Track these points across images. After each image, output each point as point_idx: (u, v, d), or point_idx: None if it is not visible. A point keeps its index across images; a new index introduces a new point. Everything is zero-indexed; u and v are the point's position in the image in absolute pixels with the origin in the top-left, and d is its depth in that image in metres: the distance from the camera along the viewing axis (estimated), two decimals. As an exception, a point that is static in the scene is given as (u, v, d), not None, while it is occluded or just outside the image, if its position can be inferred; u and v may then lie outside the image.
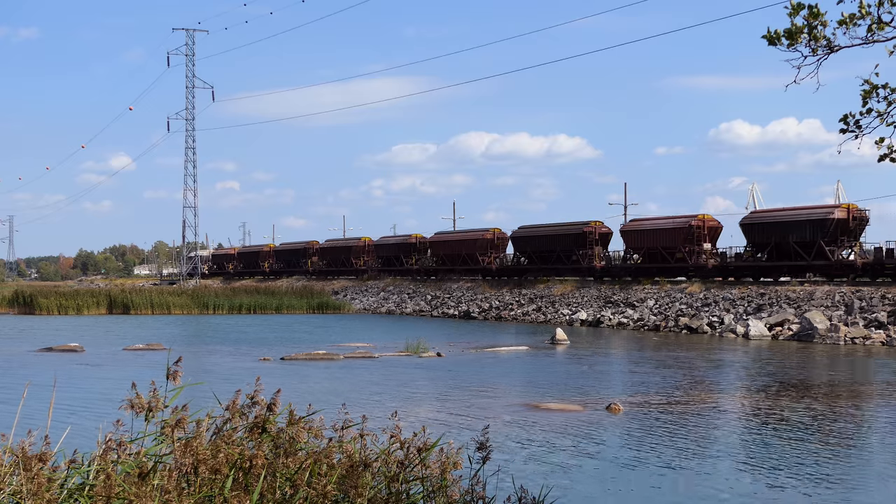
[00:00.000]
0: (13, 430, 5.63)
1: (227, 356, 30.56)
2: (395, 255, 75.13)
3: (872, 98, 6.57)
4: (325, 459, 5.69)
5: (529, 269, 60.38)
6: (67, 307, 60.12)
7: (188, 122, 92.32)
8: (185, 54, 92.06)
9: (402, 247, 74.29)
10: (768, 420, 17.34)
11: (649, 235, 52.20)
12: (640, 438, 15.37)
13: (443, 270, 68.50)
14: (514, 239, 62.64)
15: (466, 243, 66.19)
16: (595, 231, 55.79)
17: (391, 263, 75.40)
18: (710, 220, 50.52)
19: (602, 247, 56.14)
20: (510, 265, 63.12)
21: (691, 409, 18.94)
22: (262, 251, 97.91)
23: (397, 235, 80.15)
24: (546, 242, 58.89)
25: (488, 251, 64.32)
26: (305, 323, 50.65)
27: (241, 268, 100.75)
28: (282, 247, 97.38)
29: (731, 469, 13.12)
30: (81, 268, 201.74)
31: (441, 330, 44.64)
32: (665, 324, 43.11)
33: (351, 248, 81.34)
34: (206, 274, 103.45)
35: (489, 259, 64.10)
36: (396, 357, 29.92)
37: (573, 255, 56.77)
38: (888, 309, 35.68)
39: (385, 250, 77.32)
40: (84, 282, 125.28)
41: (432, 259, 70.52)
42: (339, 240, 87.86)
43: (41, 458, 5.02)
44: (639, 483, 12.29)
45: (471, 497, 5.84)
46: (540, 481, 11.24)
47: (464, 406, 19.09)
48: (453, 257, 67.47)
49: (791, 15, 6.35)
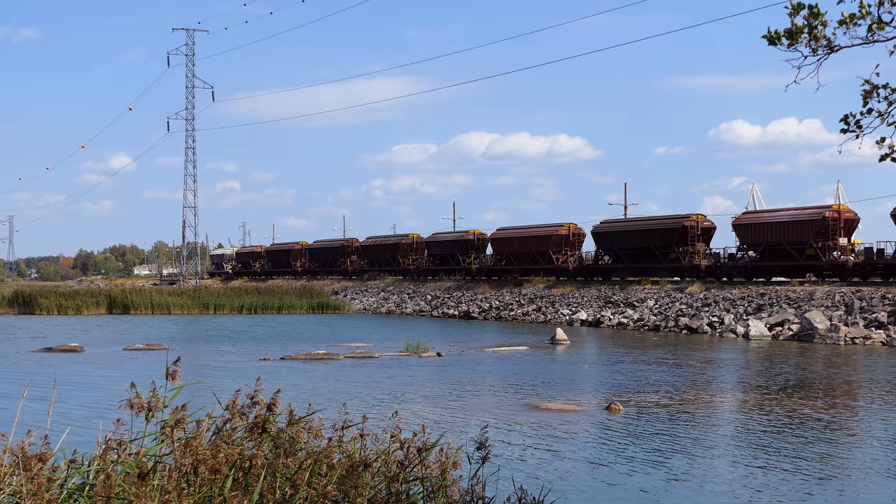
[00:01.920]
0: (13, 430, 5.62)
1: (227, 356, 30.56)
2: (449, 253, 68.51)
3: (873, 98, 6.57)
4: (325, 459, 5.69)
5: (616, 268, 54.56)
6: (67, 307, 60.11)
7: (188, 122, 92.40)
8: (185, 54, 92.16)
9: (458, 244, 67.74)
10: (768, 420, 17.33)
11: (771, 229, 45.93)
12: (641, 438, 15.37)
13: (508, 270, 62.50)
14: (596, 235, 56.36)
15: (537, 240, 59.67)
16: (697, 225, 49.93)
17: (445, 262, 68.96)
18: (846, 211, 44.71)
19: (704, 243, 50.10)
20: (591, 264, 56.89)
21: (691, 409, 18.94)
22: (293, 249, 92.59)
23: (453, 231, 73.63)
24: (637, 238, 52.81)
25: (562, 248, 58.00)
26: (306, 323, 50.65)
27: (270, 266, 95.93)
28: (316, 245, 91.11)
29: (732, 469, 13.12)
30: (81, 268, 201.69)
31: (441, 330, 44.64)
32: (665, 324, 43.10)
33: (398, 245, 74.89)
34: (229, 273, 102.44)
35: (563, 257, 57.82)
36: (396, 357, 29.92)
37: (670, 252, 50.61)
38: (888, 309, 35.67)
39: (438, 248, 70.61)
40: (84, 282, 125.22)
41: (494, 257, 64.47)
42: (383, 237, 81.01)
43: (41, 458, 5.02)
44: (639, 483, 12.29)
45: (470, 497, 5.83)
46: (540, 481, 11.24)
47: (463, 406, 19.09)
48: (520, 255, 61.21)
49: (791, 15, 6.35)
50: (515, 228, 64.19)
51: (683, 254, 49.63)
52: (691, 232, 49.64)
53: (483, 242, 66.81)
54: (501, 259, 63.45)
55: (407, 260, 73.43)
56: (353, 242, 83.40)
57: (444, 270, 68.69)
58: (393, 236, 79.39)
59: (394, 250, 75.07)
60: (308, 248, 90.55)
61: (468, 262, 65.56)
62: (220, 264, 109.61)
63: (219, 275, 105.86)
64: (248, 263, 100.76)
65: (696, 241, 49.44)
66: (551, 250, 58.25)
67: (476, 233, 66.95)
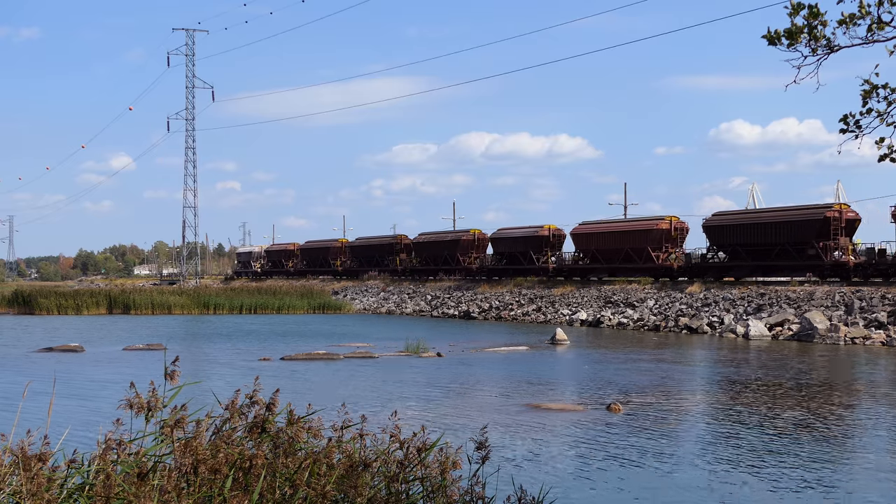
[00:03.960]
0: (13, 430, 5.62)
1: (227, 356, 30.56)
2: (520, 251, 61.48)
3: (872, 98, 6.57)
4: (325, 459, 5.69)
5: (733, 266, 48.12)
6: (67, 307, 60.12)
7: (188, 122, 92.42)
8: (185, 54, 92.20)
9: (530, 240, 60.49)
10: (769, 420, 17.33)
11: None
12: (641, 438, 15.37)
13: (593, 270, 56.21)
14: (709, 229, 49.55)
15: (632, 235, 53.10)
16: (841, 216, 42.97)
17: (515, 261, 62.00)
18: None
19: (848, 237, 43.22)
20: (700, 262, 50.31)
21: (691, 408, 18.94)
22: (332, 247, 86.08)
23: (525, 227, 63.22)
24: (763, 232, 46.22)
25: (662, 245, 51.49)
26: (306, 323, 50.64)
27: (304, 265, 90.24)
28: (359, 242, 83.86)
29: (732, 469, 13.12)
30: (81, 268, 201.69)
31: (441, 330, 44.64)
32: (665, 324, 43.10)
33: (458, 241, 67.16)
34: (258, 273, 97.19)
35: (663, 255, 51.38)
36: (396, 357, 29.92)
37: (808, 247, 43.79)
38: (888, 309, 35.68)
39: (505, 245, 63.36)
40: (84, 282, 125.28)
41: (577, 255, 57.91)
42: (439, 232, 72.86)
43: (41, 458, 5.02)
44: (638, 483, 12.29)
45: (470, 497, 5.83)
46: (540, 481, 11.24)
47: (463, 406, 19.09)
48: (608, 253, 54.94)
49: (791, 15, 6.35)
50: (603, 223, 57.77)
51: (825, 249, 42.94)
52: (834, 224, 42.80)
53: (560, 239, 59.46)
54: (585, 257, 56.98)
55: (468, 258, 66.08)
56: (403, 239, 76.17)
57: (513, 270, 61.23)
58: (451, 232, 71.48)
59: (452, 248, 67.38)
60: (350, 246, 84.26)
61: (543, 260, 59.20)
62: (248, 262, 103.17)
63: (246, 274, 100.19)
64: (280, 262, 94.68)
65: (839, 235, 42.85)
66: (650, 247, 51.60)
67: (552, 228, 59.32)
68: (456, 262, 67.29)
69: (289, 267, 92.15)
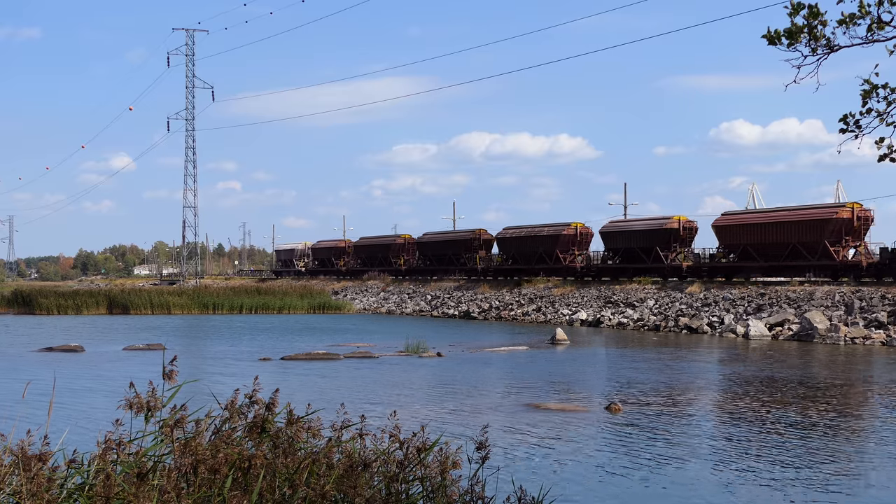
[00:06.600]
0: (13, 430, 5.62)
1: (227, 356, 30.55)
2: (643, 247, 53.46)
3: (872, 98, 6.57)
4: (324, 459, 5.69)
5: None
6: (67, 307, 60.11)
7: (188, 122, 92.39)
8: (185, 54, 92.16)
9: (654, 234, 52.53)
10: (769, 420, 17.33)
11: None
12: (640, 438, 15.36)
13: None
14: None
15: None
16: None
17: (635, 258, 54.15)
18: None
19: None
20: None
21: (691, 408, 18.94)
22: (393, 244, 76.58)
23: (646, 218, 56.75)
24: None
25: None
26: (306, 323, 50.63)
27: (359, 265, 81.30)
28: (427, 238, 73.87)
29: (732, 469, 13.11)
30: (81, 268, 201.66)
31: (441, 330, 44.63)
32: (665, 324, 43.10)
33: (558, 237, 58.14)
34: (302, 272, 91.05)
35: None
36: (397, 357, 29.91)
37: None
38: (888, 309, 35.67)
39: (619, 240, 55.17)
40: (84, 282, 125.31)
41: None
42: (531, 227, 61.93)
43: (41, 458, 5.02)
44: (639, 483, 12.28)
45: (470, 497, 5.83)
46: (539, 481, 11.23)
47: (463, 406, 19.08)
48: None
49: (791, 15, 6.35)
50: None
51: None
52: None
53: (691, 232, 51.76)
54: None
55: (569, 256, 58.12)
56: (482, 234, 66.99)
57: (633, 269, 53.49)
58: (546, 226, 60.42)
59: (550, 244, 58.65)
60: (418, 242, 74.63)
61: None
62: (289, 261, 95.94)
63: (287, 273, 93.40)
64: (329, 260, 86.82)
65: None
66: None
67: (682, 219, 51.68)
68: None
69: (340, 266, 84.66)
